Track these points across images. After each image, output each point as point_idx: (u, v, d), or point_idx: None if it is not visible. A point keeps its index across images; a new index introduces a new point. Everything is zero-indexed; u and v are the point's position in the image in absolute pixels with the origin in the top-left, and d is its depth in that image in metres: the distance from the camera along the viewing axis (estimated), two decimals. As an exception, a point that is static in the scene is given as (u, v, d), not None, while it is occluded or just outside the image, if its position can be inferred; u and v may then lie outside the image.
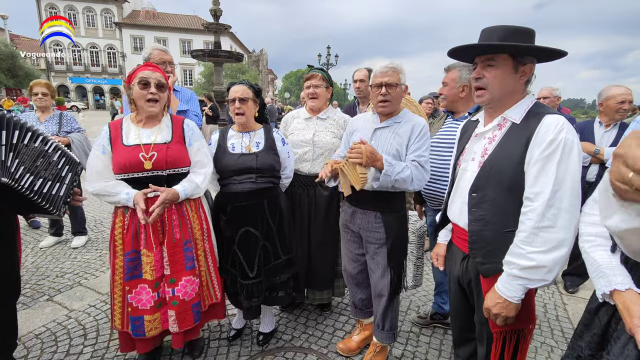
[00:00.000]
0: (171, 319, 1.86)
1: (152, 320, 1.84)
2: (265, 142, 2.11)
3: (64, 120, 3.44)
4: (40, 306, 2.66)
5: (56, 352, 2.18)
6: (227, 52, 13.36)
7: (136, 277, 1.83)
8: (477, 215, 1.30)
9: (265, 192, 2.10)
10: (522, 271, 1.16)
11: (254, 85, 2.13)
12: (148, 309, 1.83)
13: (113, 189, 1.78)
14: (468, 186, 1.34)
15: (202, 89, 26.08)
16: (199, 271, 1.97)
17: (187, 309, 1.87)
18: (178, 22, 40.07)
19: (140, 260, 1.83)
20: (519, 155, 1.20)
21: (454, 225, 1.51)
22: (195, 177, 1.92)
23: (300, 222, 2.36)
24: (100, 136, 1.85)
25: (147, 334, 1.85)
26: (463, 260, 1.44)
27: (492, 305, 1.22)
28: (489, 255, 1.28)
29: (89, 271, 3.23)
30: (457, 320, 1.61)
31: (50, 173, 1.63)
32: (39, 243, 3.78)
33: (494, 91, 1.26)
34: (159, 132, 1.86)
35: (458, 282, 1.50)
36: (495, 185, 1.25)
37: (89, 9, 37.30)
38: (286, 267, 2.21)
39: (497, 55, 1.23)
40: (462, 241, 1.43)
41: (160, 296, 1.86)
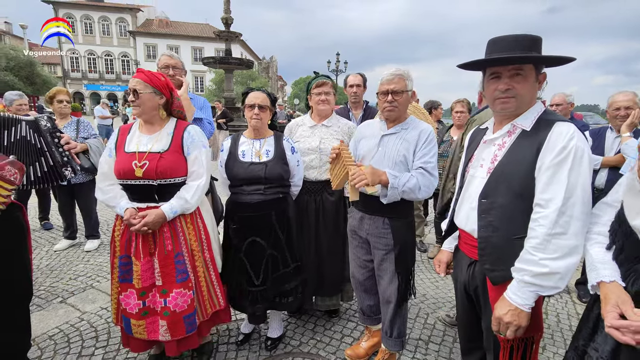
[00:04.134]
0: (162, 329, 1.85)
1: (137, 325, 1.86)
2: (275, 151, 2.13)
3: (81, 127, 3.54)
4: (54, 308, 2.71)
5: (69, 353, 2.22)
6: (238, 59, 13.57)
7: (127, 281, 1.87)
8: (487, 222, 1.29)
9: (274, 203, 2.11)
10: (534, 278, 1.15)
11: (271, 94, 2.18)
12: (134, 314, 1.85)
13: (112, 202, 1.85)
14: (477, 192, 1.34)
15: (212, 96, 26.46)
16: (196, 282, 1.95)
17: (178, 320, 1.85)
18: (190, 30, 40.86)
19: (131, 266, 1.86)
20: (529, 162, 1.20)
21: (460, 232, 1.51)
22: (185, 191, 1.86)
23: (307, 229, 2.37)
24: (110, 139, 1.91)
25: (135, 335, 1.88)
26: (470, 266, 1.43)
27: (503, 313, 1.21)
28: (498, 262, 1.27)
29: (101, 274, 3.29)
30: (464, 327, 1.59)
31: (33, 153, 1.71)
32: (53, 246, 3.86)
33: (523, 100, 1.27)
34: (157, 140, 1.85)
35: (464, 289, 1.49)
36: (505, 191, 1.25)
37: (104, 18, 38.35)
38: (295, 275, 2.22)
39: (524, 66, 1.24)
40: (469, 247, 1.43)
41: (147, 305, 1.86)
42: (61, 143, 1.89)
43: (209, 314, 2.02)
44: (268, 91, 2.19)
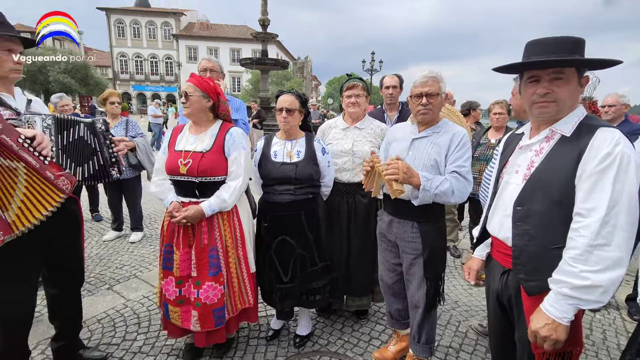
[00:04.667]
0: (194, 319, 1.95)
1: (174, 311, 2.01)
2: (306, 152, 2.17)
3: (130, 126, 3.81)
4: (102, 294, 2.94)
5: (114, 336, 2.41)
6: (274, 60, 13.84)
7: (168, 269, 2.02)
8: (522, 230, 1.25)
9: (303, 203, 2.15)
10: (574, 290, 1.10)
11: (301, 96, 2.22)
12: (172, 300, 2.01)
13: (162, 195, 2.04)
14: (511, 199, 1.30)
15: (249, 96, 27.19)
16: (228, 278, 2.03)
17: (209, 312, 1.95)
18: (229, 32, 42.19)
19: (172, 255, 2.00)
20: (569, 169, 1.15)
21: (493, 239, 1.47)
22: (224, 191, 1.95)
23: (339, 230, 2.39)
24: (165, 137, 2.12)
25: (171, 320, 2.03)
26: (503, 275, 1.38)
27: (540, 327, 1.16)
28: (534, 272, 1.23)
29: (143, 264, 3.52)
30: (496, 338, 1.54)
31: (87, 152, 1.87)
32: (102, 236, 4.18)
33: (563, 105, 1.21)
34: (201, 140, 1.99)
35: (497, 298, 1.44)
36: (542, 198, 1.20)
37: (150, 22, 40.56)
38: (323, 274, 2.26)
39: (565, 69, 1.19)
40: (502, 255, 1.39)
41: (182, 294, 1.98)
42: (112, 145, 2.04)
43: (238, 309, 2.11)
44: (299, 93, 2.23)
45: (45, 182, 1.50)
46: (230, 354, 2.25)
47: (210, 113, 2.03)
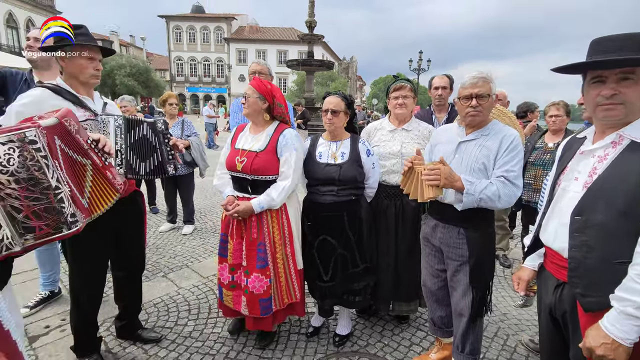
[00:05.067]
0: (243, 304, 2.12)
1: (226, 294, 2.20)
2: (351, 153, 2.19)
3: (185, 126, 4.10)
4: (158, 281, 3.19)
5: (168, 320, 2.61)
6: (319, 61, 13.98)
7: (223, 256, 2.20)
8: (580, 241, 1.17)
9: (346, 205, 2.18)
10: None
11: (348, 97, 2.24)
12: (225, 284, 2.19)
13: (221, 188, 2.21)
14: (569, 208, 1.22)
15: (294, 96, 27.74)
16: (275, 272, 2.12)
17: (255, 300, 2.08)
18: (276, 35, 43.33)
19: (227, 244, 2.17)
20: (639, 178, 1.05)
21: (547, 249, 1.38)
22: (273, 190, 2.04)
23: (386, 233, 2.37)
24: (230, 136, 2.28)
25: (225, 302, 2.22)
26: (557, 288, 1.30)
27: (596, 345, 1.08)
28: (593, 288, 1.14)
29: (194, 256, 3.76)
30: (548, 356, 1.44)
31: (149, 149, 2.03)
32: (158, 228, 4.52)
33: (632, 108, 1.12)
34: (257, 140, 2.11)
35: (550, 313, 1.36)
36: (605, 208, 1.11)
37: (205, 27, 42.89)
38: (364, 275, 2.26)
39: (636, 69, 1.09)
40: (556, 267, 1.30)
41: (234, 280, 2.15)
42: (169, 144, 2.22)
43: (285, 303, 2.19)
44: (345, 94, 2.26)
45: (105, 180, 1.65)
46: (272, 347, 2.33)
47: (267, 114, 2.13)
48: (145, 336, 2.34)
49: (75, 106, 1.83)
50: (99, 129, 1.85)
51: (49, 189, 1.13)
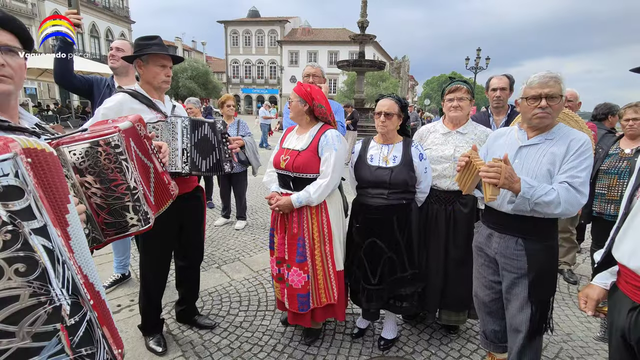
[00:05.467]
0: (285, 297, 2.22)
1: (275, 286, 2.34)
2: (403, 157, 2.16)
3: (240, 126, 4.32)
4: (212, 272, 3.40)
5: (220, 309, 2.78)
6: (370, 61, 13.86)
7: (272, 249, 2.33)
8: None
9: (396, 208, 2.15)
10: None
11: (401, 100, 2.21)
12: (274, 276, 2.32)
13: (269, 184, 2.33)
14: None
15: (343, 97, 27.78)
16: (313, 269, 2.18)
17: (293, 295, 2.18)
18: (328, 36, 43.71)
19: (274, 238, 2.29)
20: None
21: (621, 267, 1.25)
22: (312, 187, 2.10)
23: (436, 239, 2.31)
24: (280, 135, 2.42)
25: (275, 293, 2.37)
26: (632, 312, 1.17)
27: None
28: None
29: (246, 250, 3.95)
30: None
31: (209, 148, 2.16)
32: (214, 222, 4.81)
33: None
34: (301, 140, 2.20)
35: (622, 337, 1.23)
36: None
37: (259, 31, 44.60)
38: (412, 281, 2.22)
39: None
40: (632, 288, 1.17)
41: (281, 272, 2.26)
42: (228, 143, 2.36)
43: (322, 303, 2.22)
44: (399, 97, 2.23)
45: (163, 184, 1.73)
46: (317, 344, 2.38)
47: (308, 116, 2.20)
48: (200, 322, 2.52)
49: (149, 109, 2.03)
50: (169, 129, 2.03)
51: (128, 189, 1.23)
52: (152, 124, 1.97)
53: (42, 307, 0.42)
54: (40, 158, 0.50)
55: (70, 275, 0.47)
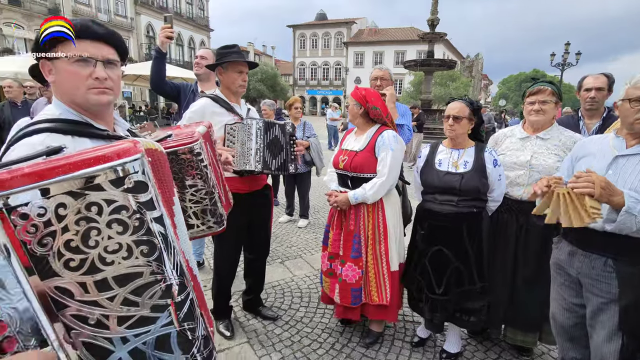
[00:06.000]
0: (336, 292, 2.28)
1: (325, 281, 2.41)
2: (475, 162, 2.05)
3: (306, 128, 4.47)
4: (276, 266, 3.57)
5: (283, 302, 2.91)
6: (439, 61, 13.31)
7: (325, 244, 2.43)
8: None
9: (466, 217, 2.05)
10: None
11: (473, 103, 2.11)
12: (324, 271, 2.42)
13: (329, 183, 2.42)
14: None
15: (409, 98, 26.99)
16: (366, 266, 2.23)
17: (347, 289, 2.23)
18: (395, 35, 42.83)
19: (329, 234, 2.38)
20: None
21: None
22: (368, 184, 2.14)
23: (503, 251, 2.16)
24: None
25: (324, 288, 2.45)
26: None
27: None
28: None
29: (307, 248, 4.08)
30: None
31: (277, 148, 2.26)
32: (278, 218, 5.03)
33: None
34: (359, 141, 2.26)
35: None
36: None
37: (326, 33, 45.39)
38: (481, 295, 2.10)
39: None
40: None
41: (332, 268, 2.34)
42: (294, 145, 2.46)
43: (374, 300, 2.24)
44: (471, 100, 2.13)
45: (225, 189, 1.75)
46: (375, 348, 2.37)
47: (363, 118, 2.26)
48: (264, 313, 2.68)
49: (227, 112, 2.22)
50: (244, 130, 2.19)
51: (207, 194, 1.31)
52: (230, 125, 2.15)
53: (158, 284, 0.51)
54: (156, 157, 0.59)
55: (178, 259, 0.55)
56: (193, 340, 0.56)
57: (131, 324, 0.49)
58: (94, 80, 1.00)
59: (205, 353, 0.59)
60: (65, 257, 0.46)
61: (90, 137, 1.01)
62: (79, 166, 0.45)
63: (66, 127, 0.99)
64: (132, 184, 0.48)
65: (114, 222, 0.48)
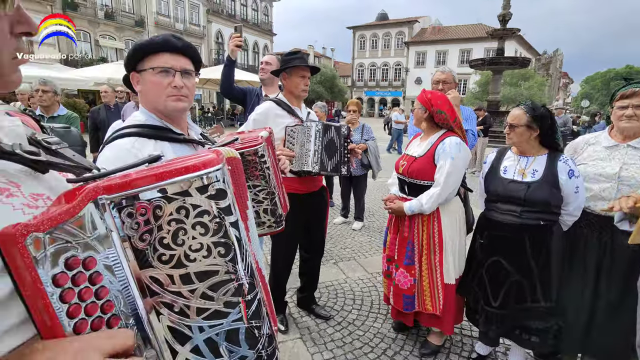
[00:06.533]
0: (391, 294, 2.32)
1: (384, 281, 2.43)
2: (545, 172, 1.89)
3: (365, 131, 4.46)
4: (330, 267, 3.63)
5: (335, 303, 2.95)
6: (510, 59, 12.38)
7: (385, 246, 2.43)
8: None
9: (530, 229, 1.90)
10: None
11: (537, 109, 1.93)
12: (383, 272, 2.42)
13: (390, 186, 2.43)
14: None
15: (474, 99, 25.42)
16: (419, 275, 2.18)
17: (399, 294, 2.24)
18: (460, 33, 40.68)
19: (387, 237, 2.41)
20: None
21: None
22: (425, 196, 2.08)
23: (582, 269, 1.94)
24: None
25: (383, 287, 2.47)
26: None
27: None
28: None
29: (361, 251, 4.07)
30: None
31: (333, 150, 2.29)
32: (333, 219, 5.09)
33: None
34: (421, 147, 2.21)
35: None
36: None
37: (387, 34, 44.65)
38: (546, 315, 1.93)
39: None
40: None
41: (389, 270, 2.34)
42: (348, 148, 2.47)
43: (427, 309, 2.18)
44: (535, 106, 1.96)
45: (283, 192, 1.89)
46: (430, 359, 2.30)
47: (428, 122, 2.19)
48: (317, 312, 2.74)
49: (289, 114, 2.32)
50: (304, 132, 2.26)
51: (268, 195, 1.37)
52: (291, 127, 2.24)
53: (231, 283, 0.56)
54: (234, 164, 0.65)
55: (250, 261, 0.61)
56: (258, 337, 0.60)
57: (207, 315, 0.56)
58: (172, 89, 1.12)
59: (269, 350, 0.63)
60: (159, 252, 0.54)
61: (169, 141, 1.16)
62: (175, 174, 0.52)
63: (150, 132, 1.14)
64: (214, 191, 0.54)
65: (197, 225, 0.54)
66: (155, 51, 1.12)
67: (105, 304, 0.49)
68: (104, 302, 0.49)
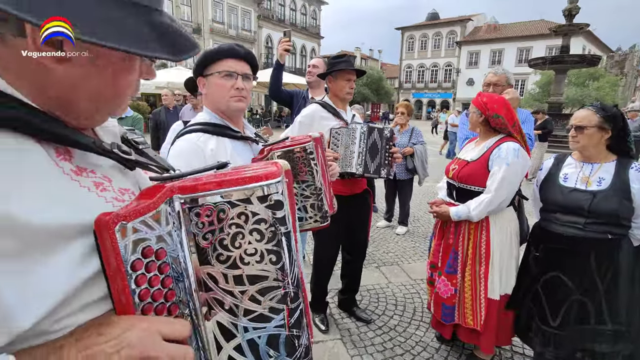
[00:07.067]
0: (432, 301, 2.27)
1: (428, 288, 2.38)
2: (614, 180, 1.72)
3: (413, 134, 4.35)
4: (371, 270, 3.59)
5: (377, 307, 2.92)
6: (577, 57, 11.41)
7: (429, 252, 2.40)
8: None
9: (596, 244, 1.74)
10: None
11: (608, 109, 1.77)
12: (427, 279, 2.39)
13: (439, 190, 2.36)
14: None
15: (533, 100, 23.68)
16: (461, 286, 2.10)
17: (438, 303, 2.18)
18: (518, 31, 38.13)
19: (431, 243, 2.38)
20: None
21: None
22: (473, 202, 1.99)
23: None
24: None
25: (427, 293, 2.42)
26: None
27: None
28: None
29: (405, 256, 3.98)
30: None
31: (375, 152, 2.27)
32: (376, 223, 5.03)
33: None
34: (474, 151, 2.13)
35: None
36: None
37: (437, 33, 43.13)
38: (613, 338, 1.75)
39: None
40: None
41: (433, 277, 2.28)
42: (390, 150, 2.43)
43: (467, 324, 2.08)
44: (606, 106, 1.79)
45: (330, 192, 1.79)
46: (476, 372, 2.20)
47: (483, 126, 2.11)
48: (358, 314, 2.73)
49: (334, 117, 2.35)
50: (349, 135, 2.28)
51: (315, 190, 1.47)
52: (336, 129, 2.27)
53: (278, 290, 0.60)
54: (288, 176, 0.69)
55: (297, 272, 0.64)
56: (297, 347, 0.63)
57: (253, 317, 0.60)
58: (235, 90, 1.29)
59: None
60: (218, 252, 0.59)
61: (229, 138, 1.34)
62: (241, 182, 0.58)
63: (212, 130, 1.32)
64: (272, 201, 0.58)
65: (254, 231, 0.58)
66: (221, 57, 1.29)
67: (169, 292, 0.55)
68: (167, 290, 0.55)
